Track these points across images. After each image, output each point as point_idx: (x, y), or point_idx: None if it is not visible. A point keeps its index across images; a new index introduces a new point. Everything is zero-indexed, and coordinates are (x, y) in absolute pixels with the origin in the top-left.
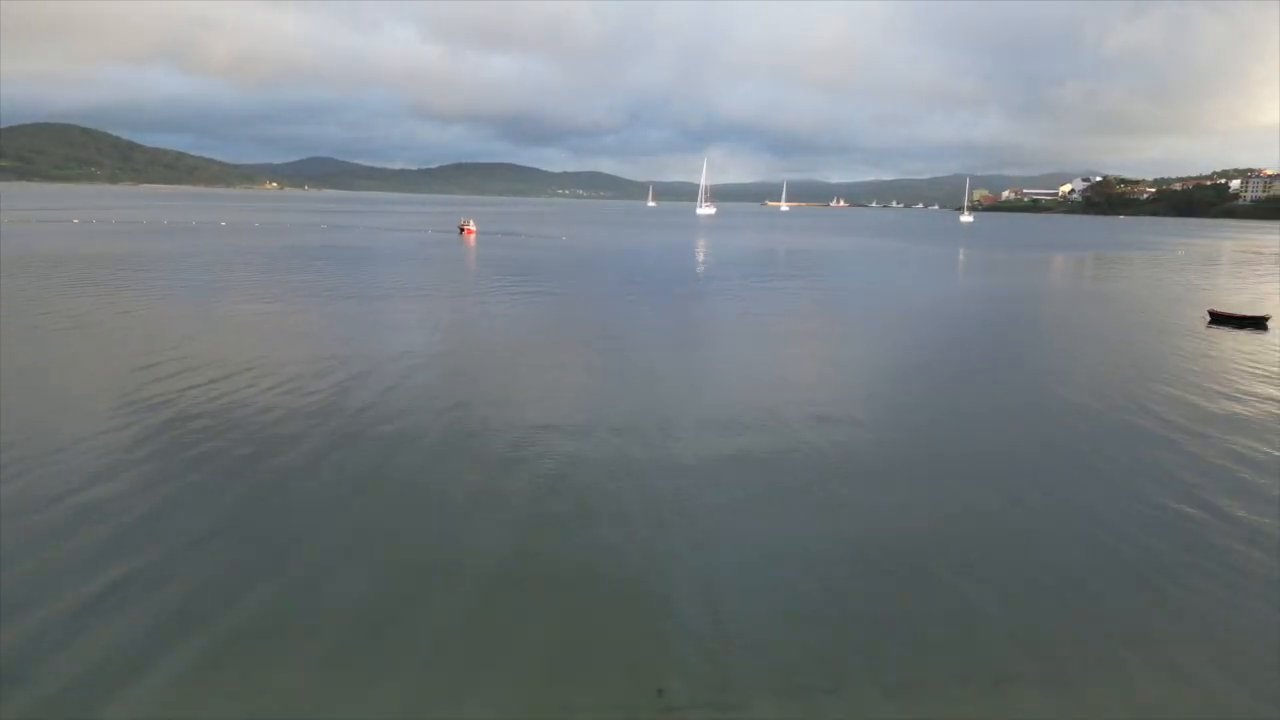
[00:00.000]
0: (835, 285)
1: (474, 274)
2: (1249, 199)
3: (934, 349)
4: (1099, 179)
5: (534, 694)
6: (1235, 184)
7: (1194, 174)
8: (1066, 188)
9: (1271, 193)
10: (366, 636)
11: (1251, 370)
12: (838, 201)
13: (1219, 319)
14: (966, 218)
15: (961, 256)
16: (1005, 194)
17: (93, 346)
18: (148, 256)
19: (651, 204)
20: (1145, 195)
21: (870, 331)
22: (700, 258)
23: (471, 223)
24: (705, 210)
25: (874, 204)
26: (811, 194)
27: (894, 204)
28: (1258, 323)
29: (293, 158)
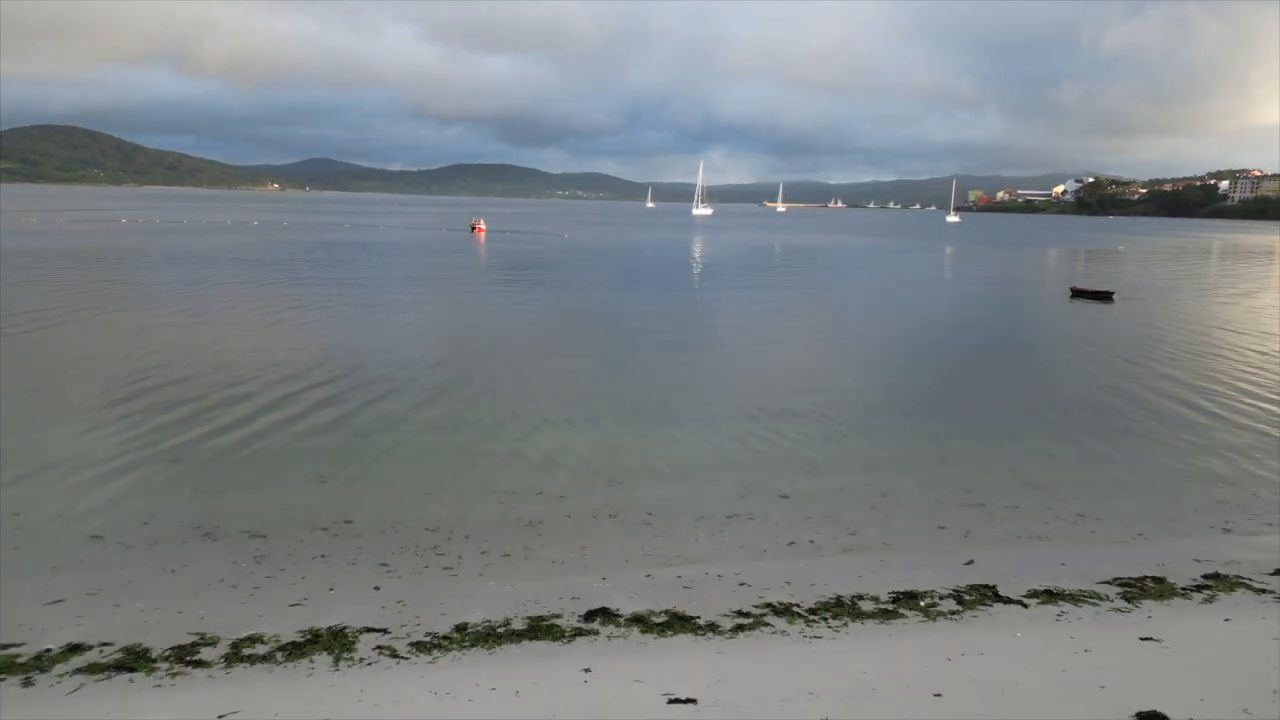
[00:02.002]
0: (799, 271)
1: (495, 263)
2: (1237, 199)
3: (872, 309)
4: (1091, 180)
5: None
6: (1225, 185)
7: (1191, 174)
8: (1060, 189)
9: (1260, 193)
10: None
11: (1086, 323)
12: (835, 202)
13: (1078, 293)
14: (953, 218)
15: (925, 250)
16: (1000, 195)
17: (264, 310)
18: (234, 250)
19: (650, 205)
20: (1136, 196)
21: (817, 298)
22: (686, 250)
23: (482, 222)
24: (702, 211)
25: (871, 205)
26: (811, 195)
27: (891, 205)
28: (1105, 296)
29: (293, 159)
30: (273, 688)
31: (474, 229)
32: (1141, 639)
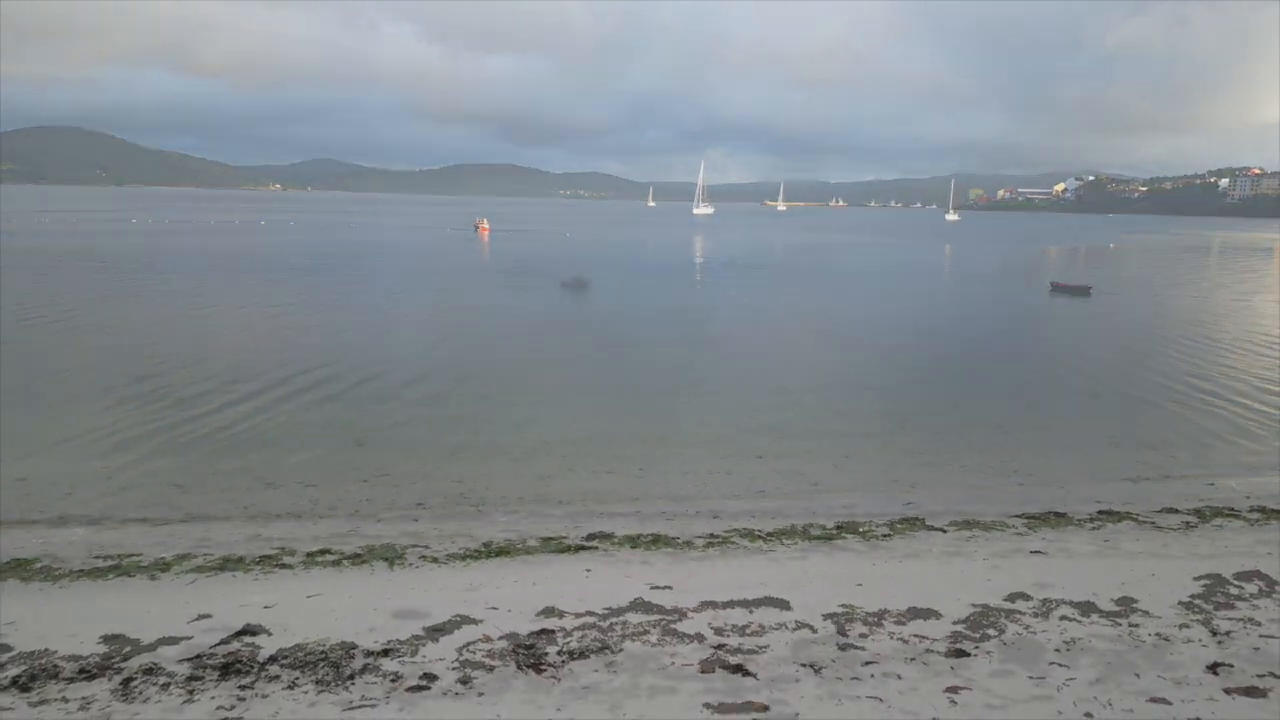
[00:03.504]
0: (795, 268)
1: (501, 260)
2: (1237, 197)
3: (861, 302)
4: (1091, 178)
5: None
6: (1225, 183)
7: (1193, 173)
8: (1060, 187)
9: (1259, 191)
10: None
11: (1060, 315)
12: (836, 201)
13: (1058, 288)
14: (952, 216)
15: (921, 249)
16: (1001, 193)
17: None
18: (248, 249)
19: (651, 204)
20: (1137, 194)
21: (810, 292)
22: (683, 249)
23: (485, 221)
24: (702, 210)
25: (872, 203)
26: (811, 194)
27: (893, 203)
28: (1083, 290)
29: (294, 159)
30: (344, 580)
31: (478, 228)
32: (1031, 552)
